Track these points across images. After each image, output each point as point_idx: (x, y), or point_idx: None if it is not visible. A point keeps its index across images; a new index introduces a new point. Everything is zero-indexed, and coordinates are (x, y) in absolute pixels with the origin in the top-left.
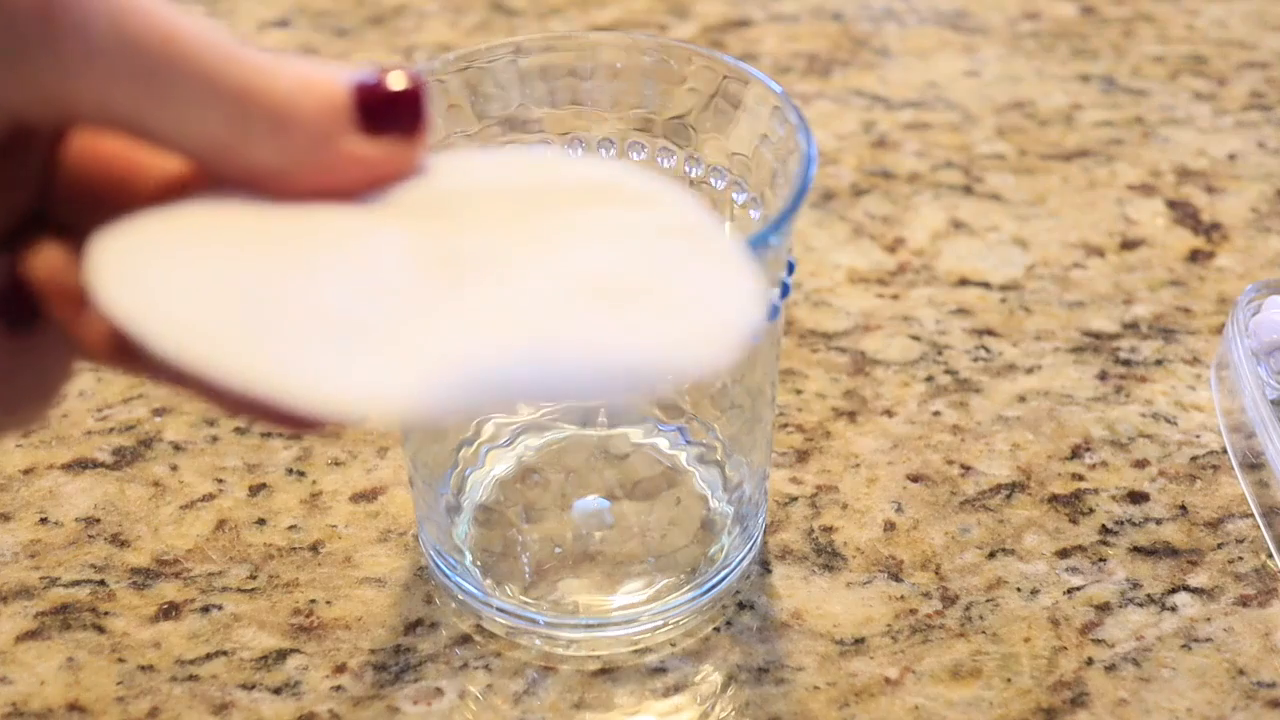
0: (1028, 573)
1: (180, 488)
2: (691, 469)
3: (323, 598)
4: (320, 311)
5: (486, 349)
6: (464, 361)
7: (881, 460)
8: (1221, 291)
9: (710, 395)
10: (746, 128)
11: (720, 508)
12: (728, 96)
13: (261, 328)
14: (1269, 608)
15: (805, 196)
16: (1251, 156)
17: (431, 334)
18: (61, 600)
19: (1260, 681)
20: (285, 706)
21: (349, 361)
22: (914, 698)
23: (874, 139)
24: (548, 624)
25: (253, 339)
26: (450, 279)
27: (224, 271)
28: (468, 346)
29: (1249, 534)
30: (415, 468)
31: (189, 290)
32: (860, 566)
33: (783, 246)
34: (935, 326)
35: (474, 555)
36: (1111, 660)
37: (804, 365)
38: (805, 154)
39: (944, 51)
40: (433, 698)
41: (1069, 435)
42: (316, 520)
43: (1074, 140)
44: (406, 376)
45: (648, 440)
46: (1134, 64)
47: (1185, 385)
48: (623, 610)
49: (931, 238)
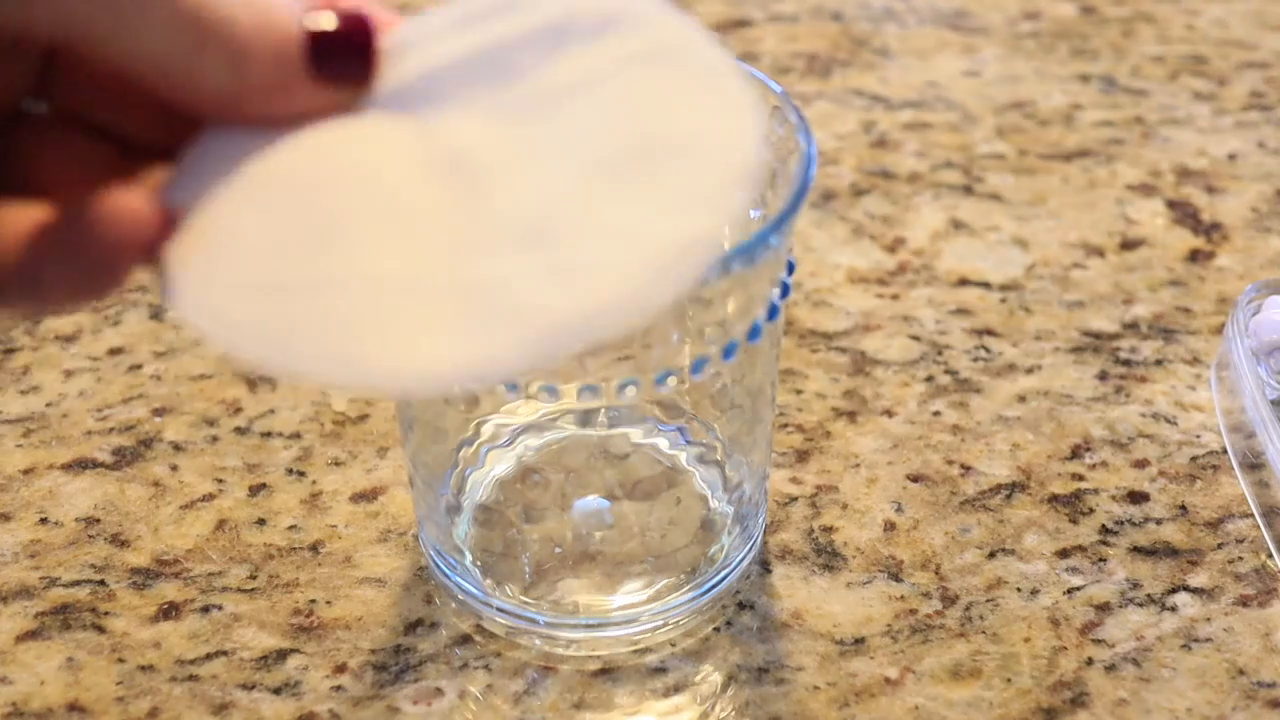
0: (1028, 573)
1: (180, 488)
2: (691, 469)
3: (323, 598)
4: (374, 282)
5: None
6: (522, 325)
7: (881, 460)
8: (1221, 291)
9: (710, 395)
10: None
11: (720, 508)
12: None
13: (327, 317)
14: (1269, 608)
15: (805, 196)
16: (1251, 156)
17: (479, 290)
18: (61, 600)
19: (1260, 681)
20: (285, 706)
21: (415, 338)
22: (914, 698)
23: (874, 139)
24: (548, 624)
25: (323, 333)
26: (467, 188)
27: (281, 263)
28: (518, 306)
29: (1249, 534)
30: (415, 468)
31: (256, 290)
32: (860, 566)
33: (783, 247)
34: (935, 326)
35: (474, 555)
36: (1111, 660)
37: (804, 365)
38: (805, 154)
39: (944, 51)
40: (433, 698)
41: (1069, 435)
42: (316, 520)
43: (1074, 140)
44: (472, 347)
45: (648, 440)
46: (1134, 64)
47: (1185, 385)
48: (623, 610)
49: (931, 238)
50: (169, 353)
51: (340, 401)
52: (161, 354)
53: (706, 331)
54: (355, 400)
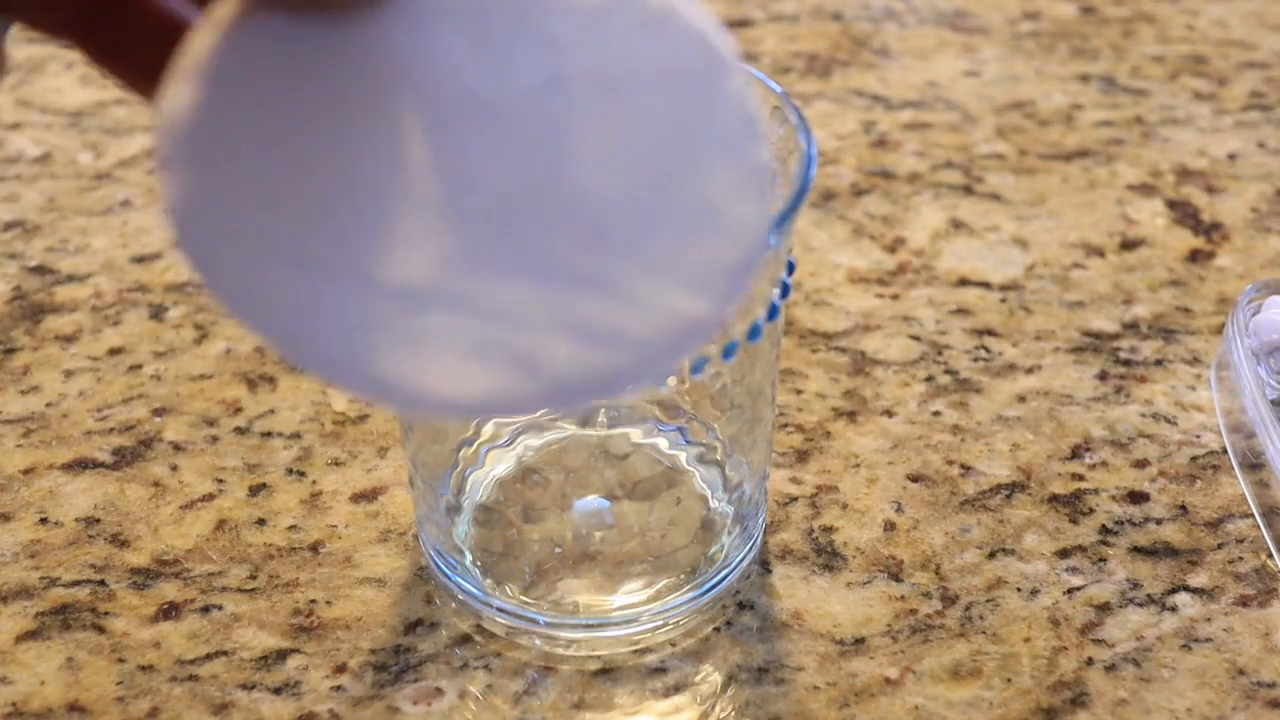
0: (1028, 573)
1: (180, 488)
2: (691, 469)
3: (323, 598)
4: (400, 288)
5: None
6: (536, 373)
7: (881, 460)
8: (1221, 291)
9: (710, 395)
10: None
11: (720, 508)
12: None
13: (352, 316)
14: (1269, 608)
15: (806, 197)
16: (1251, 156)
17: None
18: (61, 600)
19: (1260, 682)
20: (285, 707)
21: (433, 360)
22: (914, 698)
23: (874, 139)
24: (548, 624)
25: (346, 334)
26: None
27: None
28: (535, 353)
29: (1249, 534)
30: (415, 468)
31: (278, 257)
32: (860, 566)
33: (783, 247)
34: (935, 326)
35: (474, 555)
36: (1112, 660)
37: (804, 365)
38: (806, 154)
39: (944, 51)
40: (433, 698)
41: (1069, 435)
42: (317, 520)
43: (1074, 140)
44: (487, 382)
45: (648, 440)
46: (1134, 64)
47: (1185, 385)
48: (623, 610)
49: (931, 238)
50: (169, 353)
51: (340, 401)
52: (161, 354)
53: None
54: (355, 400)
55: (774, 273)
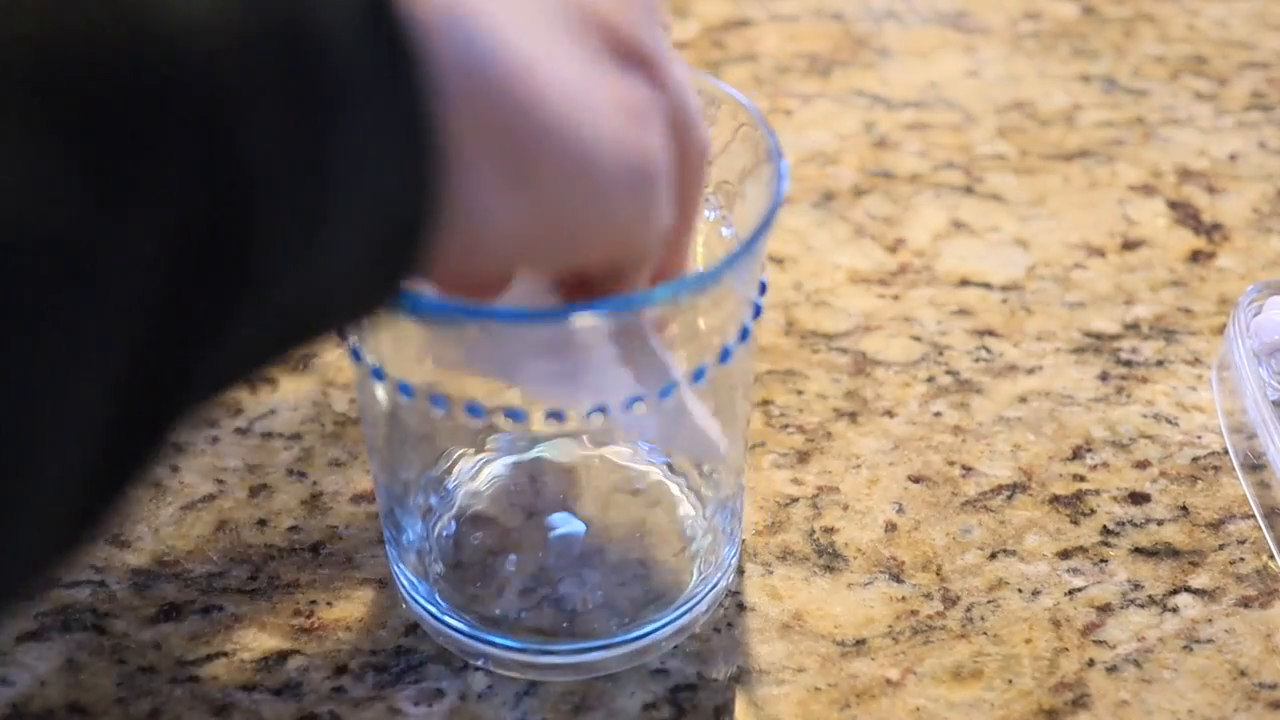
0: (1029, 574)
1: (180, 488)
2: (667, 485)
3: (323, 599)
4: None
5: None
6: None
7: (882, 461)
8: (1222, 292)
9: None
10: (718, 145)
11: (697, 524)
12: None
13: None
14: (1270, 609)
15: (776, 215)
16: (1252, 157)
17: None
18: (61, 601)
19: (1262, 683)
20: (286, 708)
21: None
22: (915, 699)
23: (874, 139)
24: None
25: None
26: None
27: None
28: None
29: (1250, 535)
30: (387, 493)
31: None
32: (861, 567)
33: (755, 267)
34: (936, 327)
35: (447, 582)
36: (1113, 661)
37: (804, 366)
38: (777, 171)
39: (944, 51)
40: (433, 699)
41: (1070, 436)
42: (317, 521)
43: (1075, 140)
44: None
45: (623, 460)
46: (1135, 64)
47: (1186, 386)
48: (601, 630)
49: (932, 238)
50: None
51: (341, 402)
52: None
53: (677, 355)
54: (355, 401)
55: (747, 293)
